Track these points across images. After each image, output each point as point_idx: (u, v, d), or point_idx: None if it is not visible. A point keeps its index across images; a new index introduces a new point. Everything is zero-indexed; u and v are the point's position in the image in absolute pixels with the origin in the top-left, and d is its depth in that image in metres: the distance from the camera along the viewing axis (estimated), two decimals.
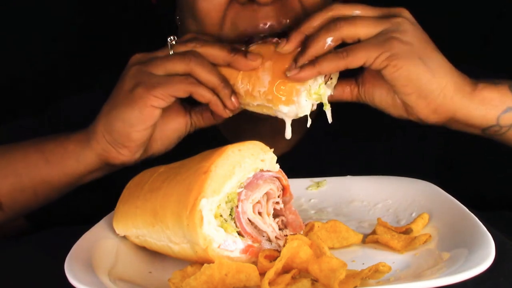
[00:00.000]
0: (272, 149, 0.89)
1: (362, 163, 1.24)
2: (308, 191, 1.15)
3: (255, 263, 0.80)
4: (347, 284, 0.72)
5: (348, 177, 1.16)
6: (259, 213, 0.86)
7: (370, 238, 0.91)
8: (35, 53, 1.78)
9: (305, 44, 1.01)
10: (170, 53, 1.07)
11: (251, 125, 1.26)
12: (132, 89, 1.04)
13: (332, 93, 1.06)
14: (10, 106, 1.75)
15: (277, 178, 0.90)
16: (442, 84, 1.00)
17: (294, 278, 0.76)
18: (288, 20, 1.13)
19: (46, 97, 1.57)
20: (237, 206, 0.83)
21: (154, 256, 0.93)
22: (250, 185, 0.85)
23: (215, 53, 1.05)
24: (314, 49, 0.99)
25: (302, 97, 1.00)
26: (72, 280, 0.76)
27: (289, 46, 1.02)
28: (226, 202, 0.83)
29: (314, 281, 0.75)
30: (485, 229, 0.80)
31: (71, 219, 1.41)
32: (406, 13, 1.03)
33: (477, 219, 0.84)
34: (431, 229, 0.90)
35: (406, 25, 1.00)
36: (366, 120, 1.24)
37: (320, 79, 1.02)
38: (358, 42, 1.00)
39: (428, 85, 0.99)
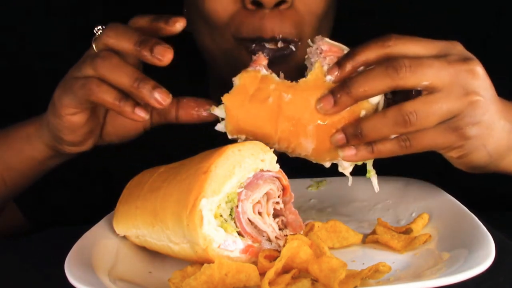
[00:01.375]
0: (272, 149, 0.89)
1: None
2: (308, 191, 1.15)
3: (255, 263, 0.80)
4: (347, 284, 0.72)
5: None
6: (259, 213, 0.86)
7: (370, 238, 0.91)
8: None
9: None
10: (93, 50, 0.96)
11: None
12: (54, 95, 1.00)
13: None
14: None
15: (277, 178, 0.89)
16: (498, 164, 0.94)
17: (294, 278, 0.76)
18: (291, 30, 1.08)
19: None
20: (237, 206, 0.83)
21: (154, 256, 0.93)
22: (250, 185, 0.85)
23: (124, 46, 0.92)
24: (374, 136, 0.86)
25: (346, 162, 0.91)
26: (72, 280, 0.76)
27: (335, 110, 0.87)
28: (226, 202, 0.83)
29: (314, 281, 0.75)
30: (485, 229, 0.80)
31: (71, 219, 1.41)
32: (476, 62, 0.87)
33: (477, 219, 0.84)
34: (431, 229, 0.90)
35: (479, 89, 0.85)
36: None
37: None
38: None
39: (483, 166, 0.93)
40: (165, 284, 0.81)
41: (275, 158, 0.89)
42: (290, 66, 1.07)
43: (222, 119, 0.93)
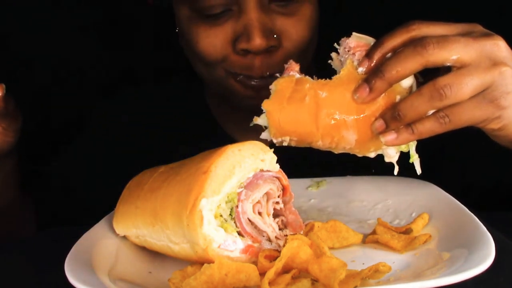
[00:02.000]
0: (272, 149, 0.89)
1: (362, 161, 1.25)
2: (308, 191, 1.15)
3: (255, 263, 0.80)
4: (347, 284, 0.72)
5: (348, 177, 1.16)
6: (259, 213, 0.86)
7: (370, 238, 0.91)
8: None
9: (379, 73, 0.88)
10: None
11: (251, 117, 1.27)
12: None
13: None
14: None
15: (277, 178, 0.90)
16: None
17: (294, 278, 0.76)
18: (279, 66, 1.09)
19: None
20: (237, 206, 0.83)
21: (154, 256, 0.93)
22: (250, 185, 0.85)
23: None
24: (412, 115, 0.87)
25: (391, 149, 0.92)
26: (72, 280, 0.76)
27: (371, 97, 0.88)
28: (226, 202, 0.83)
29: (314, 281, 0.75)
30: (485, 229, 0.80)
31: (71, 219, 1.42)
32: (498, 37, 0.90)
33: (477, 219, 0.84)
34: (431, 229, 0.90)
35: (506, 60, 0.88)
36: None
37: None
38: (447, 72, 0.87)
39: None
40: (165, 284, 0.81)
41: (275, 158, 0.89)
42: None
43: (265, 127, 0.94)
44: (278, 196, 0.89)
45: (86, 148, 1.47)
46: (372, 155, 0.93)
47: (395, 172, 0.94)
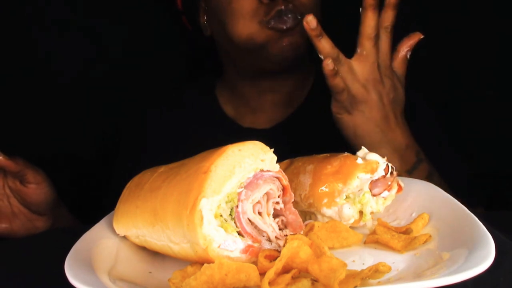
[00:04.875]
0: (272, 149, 0.89)
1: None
2: None
3: (255, 263, 0.80)
4: (347, 284, 0.72)
5: None
6: (259, 213, 0.86)
7: (370, 238, 0.91)
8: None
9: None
10: None
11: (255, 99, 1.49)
12: None
13: (381, 211, 0.97)
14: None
15: (277, 178, 0.89)
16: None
17: (294, 278, 0.76)
18: (294, 14, 1.32)
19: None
20: (237, 206, 0.83)
21: (154, 256, 0.93)
22: (250, 185, 0.85)
23: None
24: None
25: (345, 205, 0.95)
26: (72, 280, 0.76)
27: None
28: (226, 202, 0.83)
29: (314, 281, 0.75)
30: (485, 229, 0.80)
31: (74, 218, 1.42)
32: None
33: (477, 219, 0.84)
34: (431, 229, 0.90)
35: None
36: None
37: (366, 188, 0.95)
38: None
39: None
40: (165, 284, 0.81)
41: (275, 158, 0.89)
42: (296, 48, 1.38)
43: None
44: (278, 196, 0.89)
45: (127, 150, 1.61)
46: (328, 211, 0.96)
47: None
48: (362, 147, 1.01)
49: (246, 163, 0.85)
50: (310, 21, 1.14)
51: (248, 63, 1.46)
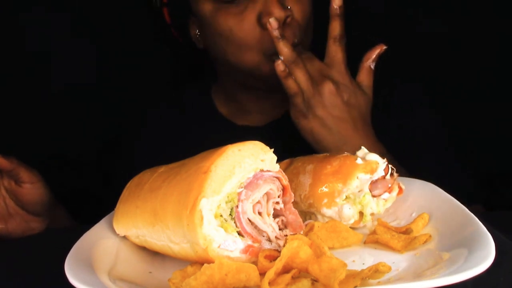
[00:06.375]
0: (272, 149, 0.89)
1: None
2: None
3: (255, 263, 0.80)
4: (347, 284, 0.72)
5: None
6: (259, 213, 0.86)
7: (370, 238, 0.91)
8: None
9: None
10: None
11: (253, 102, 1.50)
12: None
13: (381, 212, 0.97)
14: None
15: (277, 178, 0.89)
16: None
17: (294, 278, 0.76)
18: (297, 34, 1.32)
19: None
20: (237, 206, 0.83)
21: (154, 256, 0.93)
22: (250, 185, 0.85)
23: None
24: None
25: (346, 206, 0.95)
26: (72, 280, 0.76)
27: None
28: (226, 202, 0.83)
29: (314, 281, 0.75)
30: (485, 229, 0.80)
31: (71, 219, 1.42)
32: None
33: (477, 219, 0.84)
34: (431, 229, 0.90)
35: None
36: None
37: (366, 189, 0.96)
38: None
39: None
40: (165, 284, 0.80)
41: (275, 158, 0.89)
42: None
43: None
44: (278, 196, 0.89)
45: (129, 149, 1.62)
46: (328, 212, 0.96)
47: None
48: (362, 147, 1.01)
49: (246, 163, 0.85)
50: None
51: (245, 78, 1.45)
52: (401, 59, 1.56)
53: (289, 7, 1.31)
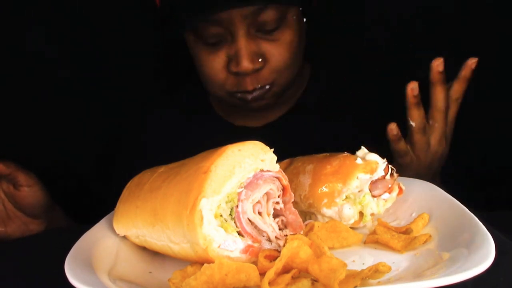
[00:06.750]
0: (272, 149, 0.89)
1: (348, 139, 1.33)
2: None
3: (255, 263, 0.80)
4: (347, 284, 0.72)
5: None
6: (259, 213, 0.86)
7: (370, 238, 0.91)
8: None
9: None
10: None
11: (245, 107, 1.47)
12: None
13: (381, 213, 0.98)
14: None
15: (277, 178, 0.89)
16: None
17: (294, 278, 0.76)
18: (266, 80, 1.34)
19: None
20: (237, 206, 0.83)
21: (154, 256, 0.93)
22: (250, 185, 0.85)
23: None
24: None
25: (346, 206, 0.95)
26: (72, 280, 0.76)
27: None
28: (226, 202, 0.83)
29: (314, 281, 0.75)
30: (485, 229, 0.80)
31: (71, 218, 1.42)
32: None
33: (477, 219, 0.84)
34: (431, 229, 0.90)
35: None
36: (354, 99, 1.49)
37: (366, 189, 0.96)
38: None
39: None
40: (165, 284, 0.81)
41: (275, 158, 0.89)
42: (267, 100, 1.39)
43: None
44: (278, 196, 0.89)
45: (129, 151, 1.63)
46: (328, 212, 0.97)
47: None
48: (362, 147, 1.01)
49: (246, 163, 0.85)
50: (414, 89, 1.21)
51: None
52: (401, 59, 1.56)
53: (260, 60, 1.32)
